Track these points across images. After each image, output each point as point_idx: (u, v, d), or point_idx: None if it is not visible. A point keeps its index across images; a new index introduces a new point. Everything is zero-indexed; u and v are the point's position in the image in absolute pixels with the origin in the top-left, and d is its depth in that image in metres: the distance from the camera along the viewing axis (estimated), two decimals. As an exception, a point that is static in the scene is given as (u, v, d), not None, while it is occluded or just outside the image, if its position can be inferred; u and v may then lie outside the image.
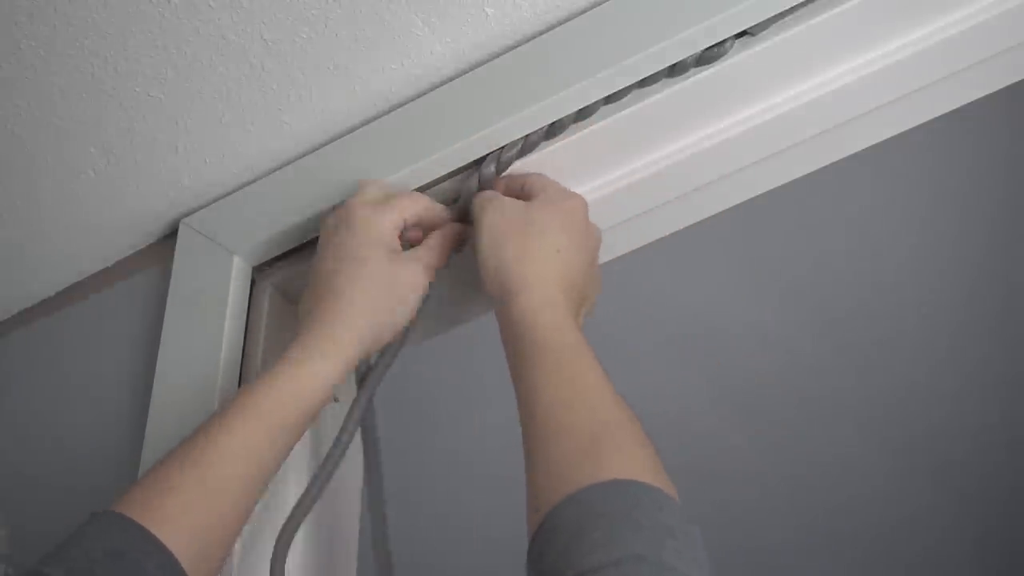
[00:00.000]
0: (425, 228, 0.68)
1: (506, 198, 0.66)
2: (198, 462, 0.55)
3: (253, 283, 0.77)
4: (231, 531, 0.57)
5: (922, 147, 1.26)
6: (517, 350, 0.57)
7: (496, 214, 0.64)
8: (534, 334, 0.57)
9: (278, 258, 0.76)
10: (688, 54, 0.63)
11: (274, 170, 0.76)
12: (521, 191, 0.68)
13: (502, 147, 0.68)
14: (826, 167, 0.70)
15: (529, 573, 0.47)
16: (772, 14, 0.62)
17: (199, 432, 0.57)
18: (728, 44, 0.63)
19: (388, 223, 0.65)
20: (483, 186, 0.68)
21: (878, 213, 1.38)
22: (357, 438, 0.73)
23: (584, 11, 0.66)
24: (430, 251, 0.66)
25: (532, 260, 0.61)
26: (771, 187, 0.71)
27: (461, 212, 0.69)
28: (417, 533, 1.63)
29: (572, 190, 0.68)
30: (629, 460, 0.49)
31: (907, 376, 1.56)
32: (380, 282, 0.62)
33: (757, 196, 0.72)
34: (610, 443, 0.50)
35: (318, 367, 0.60)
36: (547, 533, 0.46)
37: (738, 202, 0.72)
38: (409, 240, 0.67)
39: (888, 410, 1.60)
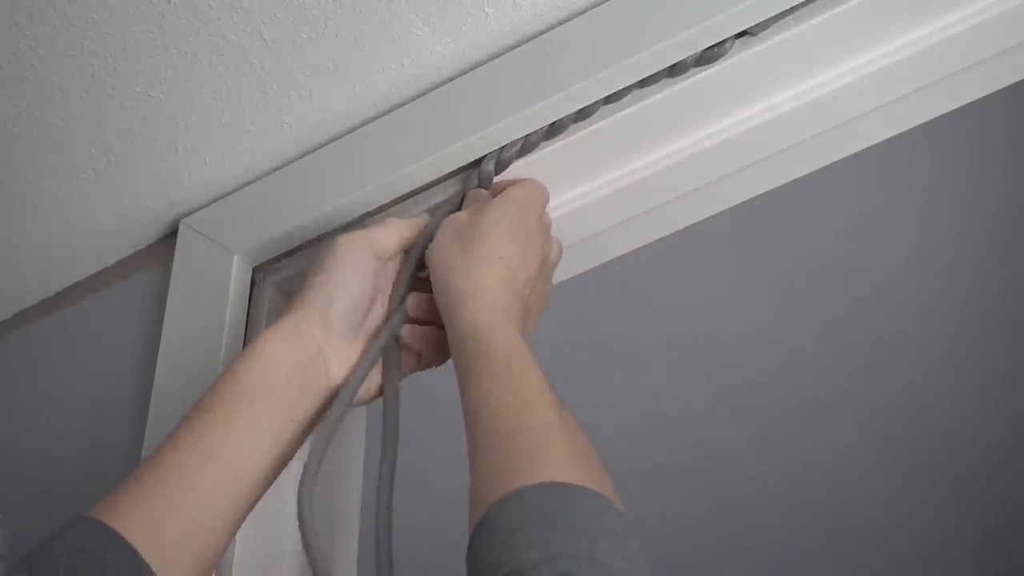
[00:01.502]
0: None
1: (460, 213, 0.65)
2: (153, 457, 0.56)
3: (253, 283, 0.77)
4: (195, 521, 0.55)
5: (922, 147, 1.26)
6: (463, 357, 0.57)
7: (446, 226, 0.64)
8: (478, 340, 0.57)
9: (278, 258, 0.76)
10: (688, 54, 0.63)
11: (274, 170, 0.76)
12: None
13: (502, 147, 0.68)
14: (826, 167, 0.70)
15: (468, 568, 0.47)
16: (772, 14, 0.62)
17: (189, 434, 0.57)
18: (728, 44, 0.63)
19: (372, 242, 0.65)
20: (482, 184, 0.68)
21: (878, 213, 1.38)
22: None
23: (584, 11, 0.66)
24: (385, 223, 0.66)
25: (476, 268, 0.60)
26: (771, 187, 0.71)
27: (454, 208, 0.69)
28: (417, 529, 1.63)
29: (531, 192, 0.67)
30: (572, 465, 0.49)
31: (907, 376, 1.56)
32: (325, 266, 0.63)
33: (757, 196, 0.72)
34: (555, 448, 0.50)
35: (273, 347, 0.60)
36: (487, 528, 0.46)
37: (738, 202, 0.72)
38: None
39: (888, 410, 1.60)
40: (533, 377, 0.55)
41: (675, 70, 0.64)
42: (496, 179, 0.69)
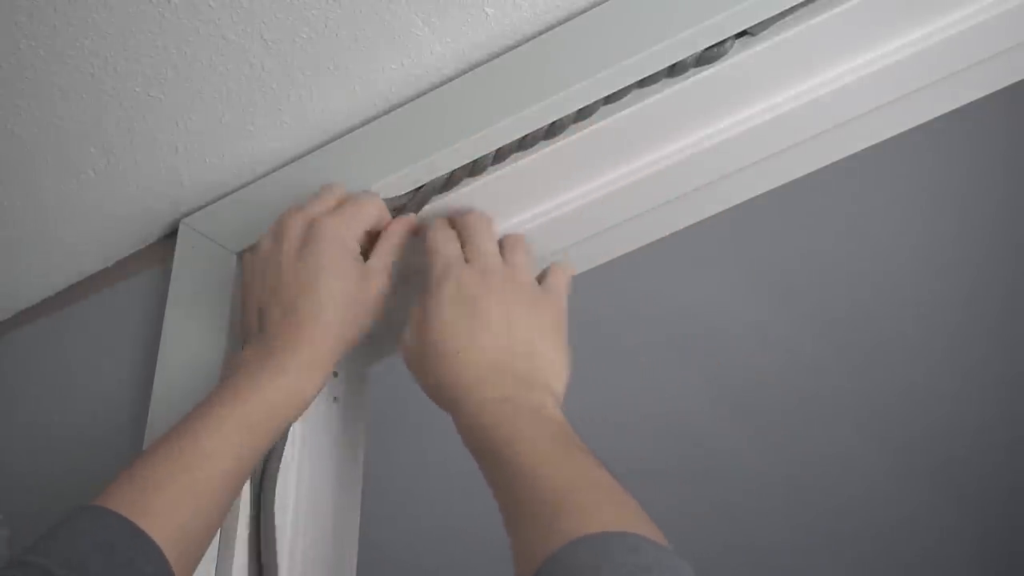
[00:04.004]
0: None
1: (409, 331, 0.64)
2: (184, 460, 0.57)
3: (253, 283, 0.77)
4: (212, 527, 0.58)
5: (922, 147, 1.25)
6: (472, 447, 0.59)
7: (405, 339, 0.64)
8: (472, 443, 0.58)
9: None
10: (688, 54, 0.63)
11: (274, 170, 0.76)
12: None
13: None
14: (826, 167, 0.70)
15: None
16: (772, 14, 0.62)
17: (183, 429, 0.58)
18: (728, 44, 0.63)
19: (352, 235, 0.66)
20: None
21: (878, 213, 1.38)
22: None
23: (584, 11, 0.66)
24: (386, 255, 0.67)
25: (445, 374, 0.61)
26: (771, 187, 0.71)
27: (419, 206, 0.71)
28: (411, 533, 1.63)
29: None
30: (597, 515, 0.49)
31: (907, 376, 1.56)
32: (355, 298, 0.64)
33: (757, 196, 0.72)
34: (574, 503, 0.50)
35: (301, 384, 0.61)
36: None
37: (738, 202, 0.72)
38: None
39: (888, 410, 1.60)
40: (541, 446, 0.55)
41: (675, 70, 0.64)
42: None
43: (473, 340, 0.60)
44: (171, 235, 0.80)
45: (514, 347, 0.61)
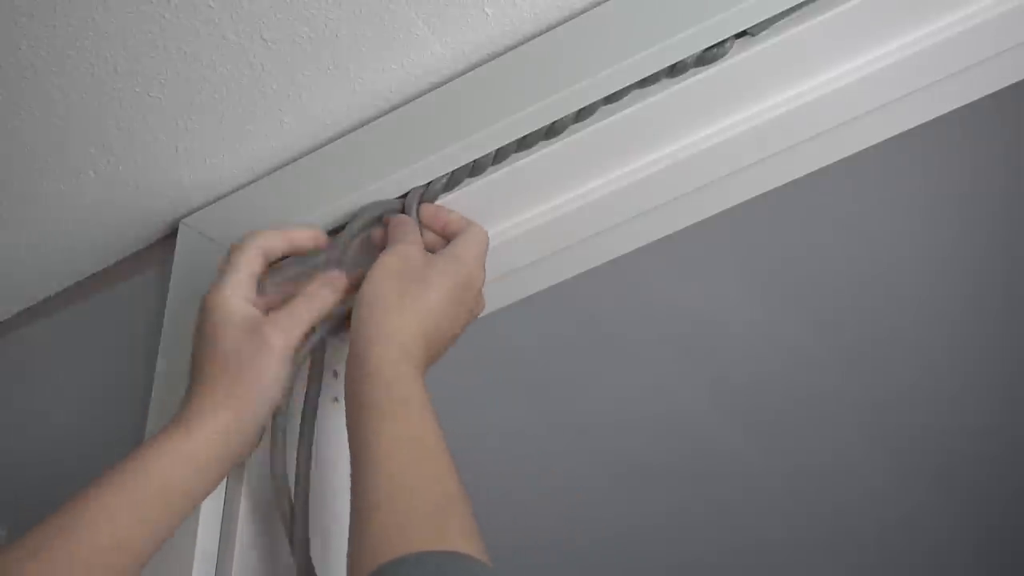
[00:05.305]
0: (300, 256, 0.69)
1: (413, 247, 0.65)
2: (71, 530, 0.55)
3: (253, 283, 0.77)
4: None
5: (922, 147, 1.26)
6: (366, 398, 0.57)
7: (393, 256, 0.64)
8: (388, 385, 0.57)
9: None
10: (688, 54, 0.63)
11: (274, 170, 0.76)
12: (443, 230, 0.69)
13: (429, 182, 0.70)
14: (826, 167, 0.70)
15: None
16: (772, 14, 0.62)
17: (89, 504, 0.56)
18: (728, 44, 0.63)
19: (227, 294, 0.63)
20: (407, 212, 0.70)
21: (878, 213, 1.38)
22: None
23: (584, 11, 0.66)
24: (289, 315, 0.64)
25: (404, 312, 0.60)
26: (771, 187, 0.72)
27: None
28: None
29: (481, 249, 0.67)
30: (468, 535, 0.49)
31: (907, 376, 1.56)
32: (233, 362, 0.61)
33: (757, 196, 0.72)
34: (454, 514, 0.50)
35: (180, 444, 0.59)
36: None
37: (738, 202, 0.72)
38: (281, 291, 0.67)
39: (888, 410, 1.60)
40: (435, 434, 0.55)
41: (675, 70, 0.64)
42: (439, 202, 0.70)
43: (439, 305, 0.62)
44: (171, 235, 0.80)
45: (444, 333, 0.63)
